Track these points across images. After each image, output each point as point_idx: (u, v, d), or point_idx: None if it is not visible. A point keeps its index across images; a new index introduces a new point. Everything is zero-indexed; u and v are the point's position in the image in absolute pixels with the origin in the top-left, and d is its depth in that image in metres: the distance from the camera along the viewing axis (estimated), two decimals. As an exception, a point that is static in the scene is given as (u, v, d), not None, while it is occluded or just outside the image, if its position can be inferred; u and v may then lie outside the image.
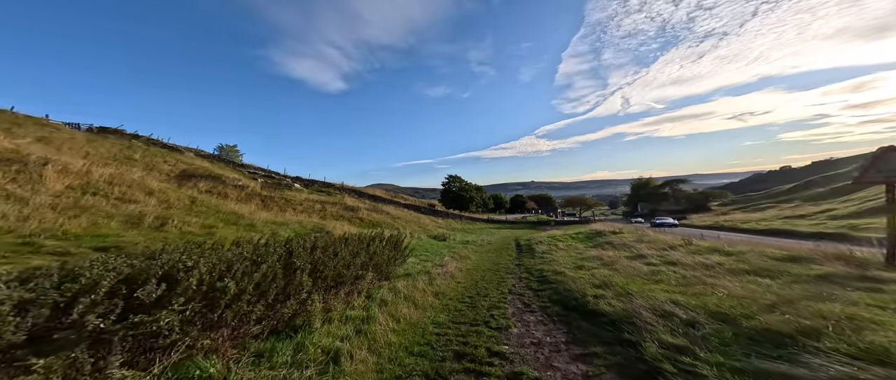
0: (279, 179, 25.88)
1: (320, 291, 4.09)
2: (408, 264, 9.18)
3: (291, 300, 3.30)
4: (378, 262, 5.94)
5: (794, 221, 20.75)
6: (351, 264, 4.95)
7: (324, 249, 4.35)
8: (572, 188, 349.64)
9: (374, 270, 6.00)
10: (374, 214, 22.04)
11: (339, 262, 4.39)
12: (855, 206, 21.22)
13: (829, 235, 13.72)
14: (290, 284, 3.39)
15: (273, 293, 3.11)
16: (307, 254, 3.99)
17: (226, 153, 31.53)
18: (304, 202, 18.25)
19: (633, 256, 8.58)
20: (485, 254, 12.98)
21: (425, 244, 15.32)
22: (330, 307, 4.21)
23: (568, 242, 14.17)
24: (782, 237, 14.48)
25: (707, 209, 48.86)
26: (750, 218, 27.74)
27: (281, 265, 3.33)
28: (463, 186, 54.05)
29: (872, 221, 14.47)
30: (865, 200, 22.52)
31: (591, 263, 8.47)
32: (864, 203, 21.23)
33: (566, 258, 9.78)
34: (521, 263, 10.38)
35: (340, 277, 4.51)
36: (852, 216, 18.28)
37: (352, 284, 4.93)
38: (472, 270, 9.23)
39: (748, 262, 6.35)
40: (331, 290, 4.38)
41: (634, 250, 9.58)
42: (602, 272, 6.99)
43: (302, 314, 3.68)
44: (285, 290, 3.35)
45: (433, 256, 11.37)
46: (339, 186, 31.57)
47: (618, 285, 5.68)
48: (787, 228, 17.40)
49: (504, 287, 7.14)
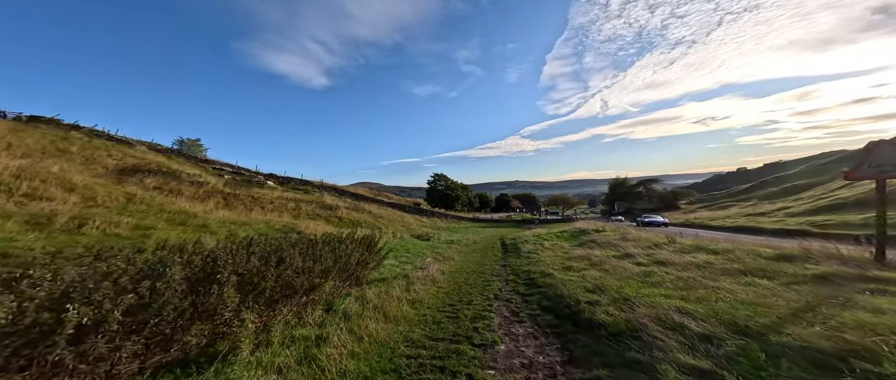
0: (249, 176, 23.87)
1: (259, 306, 3.16)
2: (385, 267, 8.29)
3: (200, 324, 2.36)
4: (345, 266, 5.03)
5: (757, 218, 21.81)
6: (307, 271, 4.03)
7: (272, 253, 3.40)
8: (555, 187, 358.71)
9: (341, 275, 5.08)
10: (354, 212, 20.78)
11: (288, 269, 3.47)
12: (808, 204, 22.68)
13: (792, 232, 14.27)
14: (203, 301, 2.45)
15: (170, 317, 2.17)
16: (244, 262, 3.04)
17: (186, 148, 28.75)
18: (275, 201, 16.73)
19: (620, 256, 8.18)
20: (470, 254, 12.30)
21: (407, 244, 14.42)
22: (270, 326, 3.28)
23: (553, 240, 13.80)
24: (752, 234, 14.95)
25: (676, 207, 51.41)
26: (716, 215, 29.08)
27: (187, 279, 2.38)
28: (449, 184, 53.39)
29: (830, 218, 15.30)
30: (817, 199, 24.18)
31: (579, 263, 7.98)
32: (816, 201, 22.75)
33: (553, 258, 9.27)
34: (507, 264, 9.77)
35: (290, 288, 3.58)
36: (807, 214, 19.40)
37: (306, 294, 4.01)
38: (455, 273, 8.48)
39: (740, 261, 6.04)
40: (275, 304, 3.45)
41: (621, 249, 9.24)
42: (592, 274, 6.47)
43: (226, 338, 2.74)
44: (196, 310, 2.41)
45: (414, 258, 10.52)
46: (317, 183, 29.78)
47: (612, 288, 5.12)
48: (752, 226, 18.13)
49: (489, 292, 6.44)
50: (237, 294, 2.72)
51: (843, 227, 13.36)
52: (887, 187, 4.95)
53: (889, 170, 4.70)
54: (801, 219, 16.90)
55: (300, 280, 3.60)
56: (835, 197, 20.98)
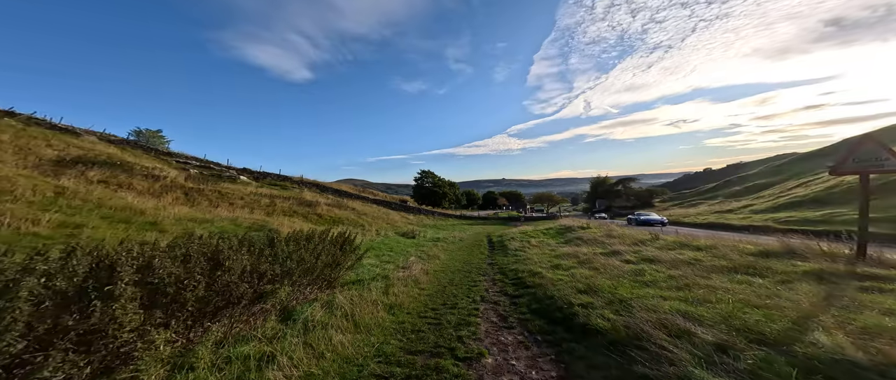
0: (220, 170, 22.08)
1: (179, 321, 2.43)
2: (363, 267, 7.59)
3: (74, 355, 1.65)
4: (310, 268, 4.34)
5: (725, 215, 22.89)
6: (258, 275, 3.32)
7: (201, 256, 2.67)
8: (540, 186, 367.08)
9: (306, 278, 4.38)
10: (336, 209, 19.70)
11: (226, 274, 2.76)
12: (769, 202, 24.12)
13: (759, 228, 14.95)
14: (84, 321, 1.74)
15: (14, 348, 1.45)
16: (164, 267, 2.31)
17: (145, 139, 26.14)
18: (247, 196, 15.41)
19: (608, 253, 7.96)
20: (456, 252, 11.80)
21: (391, 242, 13.71)
22: (197, 345, 2.56)
23: (540, 238, 13.59)
24: (722, 230, 15.54)
25: (651, 205, 53.76)
26: (688, 213, 30.41)
27: (59, 293, 1.66)
28: (436, 181, 52.70)
29: (791, 215, 16.19)
30: (776, 197, 25.82)
31: (567, 261, 7.68)
32: (776, 199, 24.26)
33: (540, 256, 8.95)
34: (494, 262, 9.35)
35: (229, 297, 2.88)
36: (769, 211, 20.56)
37: (254, 303, 3.30)
38: (440, 273, 7.93)
39: (726, 257, 5.92)
40: (206, 317, 2.73)
41: (607, 246, 9.07)
42: (582, 272, 6.13)
43: (124, 366, 2.02)
44: (64, 333, 1.69)
45: (397, 257, 9.87)
46: (297, 179, 28.16)
47: (605, 289, 4.76)
48: (722, 222, 18.94)
49: (476, 293, 5.95)
50: (140, 309, 2.00)
51: (804, 223, 14.09)
52: (869, 184, 4.90)
53: (873, 165, 4.65)
54: (765, 215, 17.83)
55: (243, 287, 2.90)
56: (792, 196, 22.41)
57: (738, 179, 64.12)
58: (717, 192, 57.76)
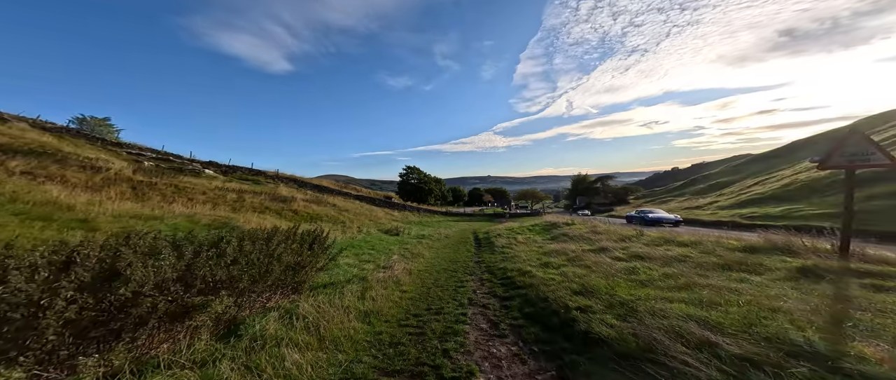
0: (181, 163, 19.99)
1: (35, 355, 1.64)
2: (339, 268, 6.82)
3: None
4: (265, 272, 3.58)
5: (694, 211, 24.07)
6: (188, 284, 2.54)
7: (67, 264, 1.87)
8: (523, 183, 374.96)
9: (259, 285, 3.62)
10: (314, 205, 18.45)
11: (123, 287, 1.98)
12: (732, 199, 25.70)
13: (726, 223, 15.66)
14: None
15: None
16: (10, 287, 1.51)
17: (89, 127, 23.11)
18: (212, 191, 13.91)
19: (596, 250, 7.73)
20: (441, 250, 11.23)
21: (374, 240, 12.90)
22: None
23: (526, 234, 13.34)
24: (694, 226, 16.18)
25: (626, 202, 56.19)
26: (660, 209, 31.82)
27: None
28: (421, 177, 51.71)
29: (754, 211, 17.18)
30: (738, 194, 27.58)
31: (556, 258, 7.34)
32: (737, 196, 25.88)
33: (528, 253, 8.59)
34: (481, 260, 8.88)
35: (132, 316, 2.10)
36: (733, 207, 21.82)
37: (176, 319, 2.53)
38: (424, 273, 7.32)
39: (714, 254, 5.79)
40: (90, 344, 1.94)
41: (594, 243, 8.87)
42: (573, 271, 5.77)
43: None
44: None
45: (379, 255, 9.14)
46: (272, 173, 26.24)
47: (602, 289, 4.38)
48: (692, 218, 19.81)
49: (463, 295, 5.41)
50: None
51: (766, 218, 14.91)
52: (852, 179, 4.85)
53: (860, 160, 4.60)
54: (731, 211, 18.86)
55: (150, 302, 2.12)
56: (752, 193, 23.95)
57: (703, 178, 68.59)
58: (684, 189, 61.41)
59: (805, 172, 22.79)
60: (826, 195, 15.91)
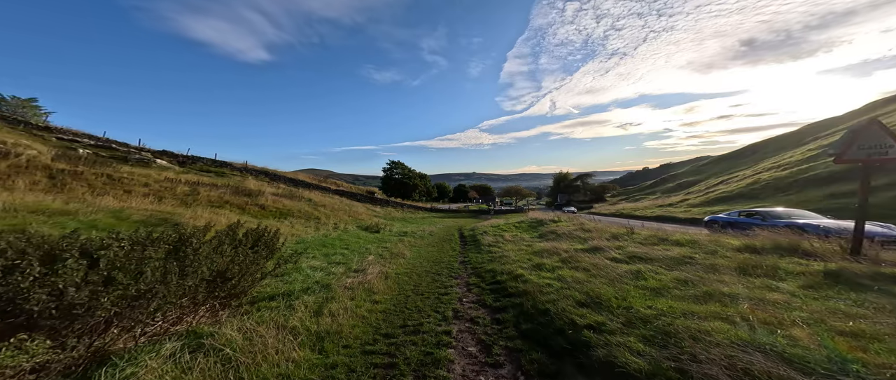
0: (126, 151, 17.39)
1: None
2: (301, 273, 5.67)
3: None
4: (144, 292, 2.43)
5: (668, 208, 24.84)
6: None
7: None
8: (507, 180, 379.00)
9: (138, 307, 2.47)
10: (285, 200, 16.72)
11: None
12: (701, 197, 26.86)
13: (699, 221, 15.95)
14: None
15: None
16: None
17: (11, 109, 19.57)
18: (158, 183, 11.96)
19: (589, 250, 7.10)
20: (424, 248, 10.26)
21: (350, 238, 11.66)
22: None
23: (513, 232, 12.69)
24: (672, 223, 16.42)
25: (603, 200, 58.14)
26: (637, 206, 32.82)
27: None
28: (406, 172, 50.14)
29: (726, 208, 17.76)
30: (706, 193, 28.93)
31: (549, 259, 6.62)
32: (706, 194, 27.10)
33: (518, 253, 7.84)
34: (467, 261, 8.01)
35: None
36: (704, 204, 22.67)
37: None
38: (403, 276, 6.32)
39: (718, 254, 5.30)
40: None
41: (585, 241, 8.29)
42: (571, 275, 5.03)
43: None
44: None
45: (353, 256, 8.00)
46: (240, 165, 23.81)
47: (611, 299, 3.63)
48: (669, 215, 20.29)
49: (447, 306, 4.50)
50: None
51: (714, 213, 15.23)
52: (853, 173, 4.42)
53: (877, 154, 4.19)
54: (704, 209, 19.47)
55: None
56: (719, 191, 25.10)
57: (671, 178, 72.55)
58: (655, 188, 64.58)
59: (766, 172, 24.21)
60: (789, 193, 16.75)
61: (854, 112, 51.47)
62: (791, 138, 53.14)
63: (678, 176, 70.13)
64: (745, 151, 64.13)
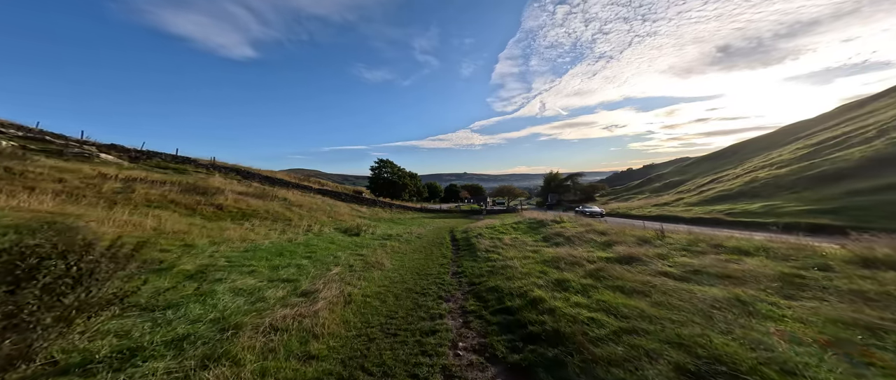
0: (62, 144, 14.59)
1: None
2: (210, 300, 3.63)
3: None
4: None
5: (666, 208, 23.82)
6: None
7: None
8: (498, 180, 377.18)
9: None
10: (251, 199, 14.35)
11: None
12: (698, 195, 26.09)
13: (708, 220, 14.78)
14: None
15: None
16: None
17: None
18: (80, 179, 9.53)
19: (620, 259, 5.39)
20: (410, 255, 8.31)
21: (321, 243, 9.57)
22: None
23: (512, 234, 10.94)
24: (677, 223, 15.17)
25: (593, 200, 57.56)
26: (630, 206, 31.91)
27: None
28: (395, 171, 47.81)
29: (732, 207, 16.71)
30: (701, 191, 28.24)
31: (571, 271, 4.86)
32: (703, 193, 26.34)
33: (525, 262, 6.04)
34: (461, 272, 6.14)
35: None
36: (703, 203, 21.72)
37: None
38: (372, 301, 4.37)
39: (847, 274, 3.62)
40: None
41: (609, 247, 6.62)
42: (620, 302, 3.27)
43: None
44: None
45: (311, 269, 5.98)
46: (207, 162, 21.06)
47: (742, 361, 1.82)
48: (670, 214, 19.14)
49: (433, 364, 2.61)
50: None
51: (749, 215, 14.20)
52: None
53: None
54: (705, 208, 18.44)
55: None
56: (716, 190, 24.31)
57: (657, 177, 73.26)
58: (642, 188, 64.80)
59: (763, 171, 23.63)
60: (795, 190, 15.86)
61: (825, 115, 53.16)
62: (767, 140, 54.35)
63: (664, 176, 70.93)
64: (726, 152, 65.39)
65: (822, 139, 26.41)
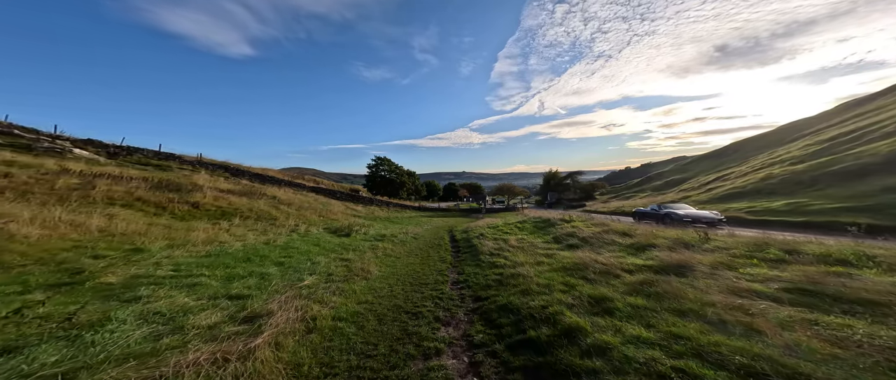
0: (32, 139, 13.29)
1: None
2: (102, 333, 2.38)
3: None
4: None
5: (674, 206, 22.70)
6: None
7: None
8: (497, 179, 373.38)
9: None
10: (234, 197, 13.11)
11: None
12: (706, 193, 24.97)
13: (733, 219, 13.63)
14: None
15: None
16: None
17: None
18: (40, 174, 8.32)
19: (663, 268, 4.22)
20: (403, 259, 7.12)
21: (303, 245, 8.37)
22: None
23: (517, 234, 9.76)
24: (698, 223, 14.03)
25: (593, 198, 56.34)
26: (635, 204, 30.82)
27: None
28: (393, 169, 46.49)
29: (751, 205, 15.62)
30: (708, 188, 27.18)
31: (606, 285, 3.70)
32: (711, 191, 25.27)
33: (539, 270, 4.87)
34: (463, 281, 4.94)
35: None
36: (713, 201, 20.62)
37: None
38: (342, 328, 3.18)
39: None
40: None
41: (639, 252, 5.46)
42: (722, 344, 2.10)
43: None
44: None
45: (277, 278, 4.78)
46: (193, 159, 19.73)
47: None
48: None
49: None
50: None
51: (771, 213, 13.10)
52: None
53: None
54: (718, 206, 17.34)
55: None
56: (727, 188, 23.18)
57: (657, 176, 72.20)
58: (643, 186, 63.73)
59: (777, 167, 22.55)
60: (818, 187, 14.80)
61: (826, 113, 52.38)
62: (769, 138, 53.44)
63: (664, 174, 69.95)
64: (727, 150, 64.44)
65: (833, 135, 25.35)
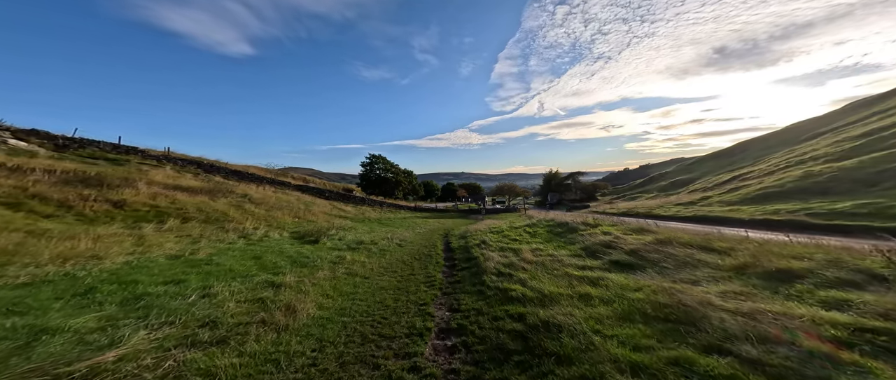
0: None
1: None
2: None
3: None
4: None
5: (695, 208, 20.27)
6: None
7: None
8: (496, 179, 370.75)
9: None
10: (180, 195, 10.62)
11: None
12: (729, 194, 22.61)
13: (780, 224, 11.08)
14: None
15: None
16: None
17: None
18: None
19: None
20: (374, 279, 4.64)
21: (241, 257, 5.93)
22: None
23: (530, 242, 7.33)
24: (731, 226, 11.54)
25: (595, 199, 53.88)
26: (647, 205, 28.35)
27: None
28: (388, 167, 43.96)
29: (798, 206, 13.22)
30: (732, 189, 24.76)
31: None
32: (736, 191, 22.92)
33: (592, 314, 2.45)
34: (458, 329, 2.52)
35: None
36: (743, 202, 18.22)
37: None
38: None
39: None
40: None
41: (747, 277, 3.03)
42: None
43: None
44: None
45: (61, 342, 2.28)
46: (158, 153, 17.21)
47: None
48: (705, 215, 15.64)
49: None
50: None
51: (841, 216, 10.57)
52: None
53: None
54: (757, 207, 14.94)
55: None
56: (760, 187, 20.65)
57: (660, 176, 69.76)
58: (646, 187, 61.32)
59: (818, 164, 20.13)
60: (884, 187, 12.42)
61: (834, 113, 50.44)
62: (779, 137, 51.37)
63: (668, 175, 67.58)
64: (734, 150, 62.14)
65: (868, 130, 22.98)
